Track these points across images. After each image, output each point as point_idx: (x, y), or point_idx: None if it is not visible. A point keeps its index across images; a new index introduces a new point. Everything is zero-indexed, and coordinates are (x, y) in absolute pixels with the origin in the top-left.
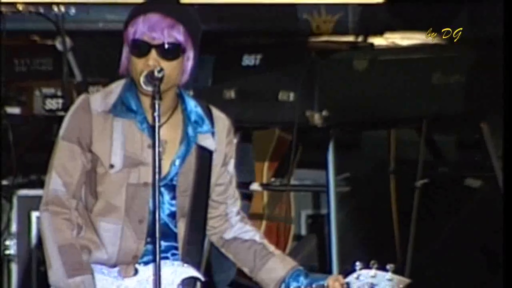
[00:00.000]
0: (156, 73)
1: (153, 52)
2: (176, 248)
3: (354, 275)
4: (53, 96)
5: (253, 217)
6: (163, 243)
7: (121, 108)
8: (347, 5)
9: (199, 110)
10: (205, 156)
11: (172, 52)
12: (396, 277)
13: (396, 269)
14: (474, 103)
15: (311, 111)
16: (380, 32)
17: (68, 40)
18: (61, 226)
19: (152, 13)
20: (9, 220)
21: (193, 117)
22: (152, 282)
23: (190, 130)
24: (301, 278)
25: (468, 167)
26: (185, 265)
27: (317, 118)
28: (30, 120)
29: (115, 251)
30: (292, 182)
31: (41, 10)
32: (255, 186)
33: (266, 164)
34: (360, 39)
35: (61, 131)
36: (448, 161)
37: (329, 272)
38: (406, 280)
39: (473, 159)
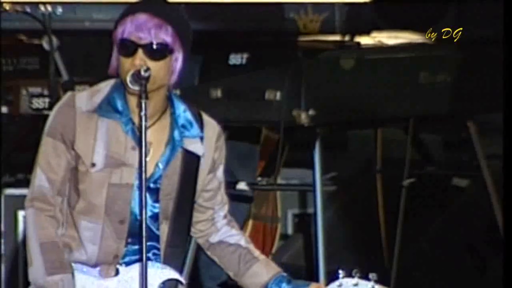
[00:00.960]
0: (142, 72)
1: (140, 52)
2: (157, 248)
3: (336, 283)
4: (40, 95)
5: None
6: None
7: (107, 108)
8: (334, 4)
9: (188, 114)
10: (191, 160)
11: (159, 52)
12: (379, 287)
13: (383, 268)
14: (461, 102)
15: (297, 110)
16: (367, 31)
17: (54, 39)
18: (45, 223)
19: (140, 13)
20: None
21: (180, 121)
22: (132, 283)
23: (176, 134)
24: (284, 284)
25: (455, 167)
26: (166, 267)
27: (303, 117)
28: (17, 119)
29: (95, 250)
30: (279, 181)
31: (28, 9)
32: (242, 186)
33: None
34: (347, 38)
35: (46, 127)
36: (435, 160)
37: (316, 272)
38: None
39: (460, 159)
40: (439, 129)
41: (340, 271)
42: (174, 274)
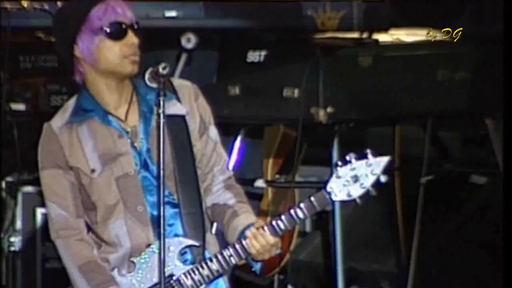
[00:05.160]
0: (161, 70)
1: (130, 32)
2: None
3: (333, 178)
4: (58, 93)
5: (258, 214)
6: (170, 211)
7: (79, 113)
8: (352, 1)
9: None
10: (178, 124)
11: (139, 29)
12: (375, 160)
13: (401, 265)
14: (480, 99)
15: (315, 107)
16: (385, 29)
17: None
18: (76, 247)
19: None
20: (13, 216)
21: (144, 93)
22: (149, 270)
23: (143, 107)
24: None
25: (473, 164)
26: (180, 237)
27: (322, 115)
28: (35, 117)
29: (128, 244)
30: (297, 179)
31: (46, 6)
32: (259, 183)
33: (270, 161)
34: (365, 35)
35: (39, 164)
36: (453, 157)
37: (334, 269)
38: (384, 158)
39: (479, 156)
40: (457, 126)
41: (339, 162)
42: (188, 241)
